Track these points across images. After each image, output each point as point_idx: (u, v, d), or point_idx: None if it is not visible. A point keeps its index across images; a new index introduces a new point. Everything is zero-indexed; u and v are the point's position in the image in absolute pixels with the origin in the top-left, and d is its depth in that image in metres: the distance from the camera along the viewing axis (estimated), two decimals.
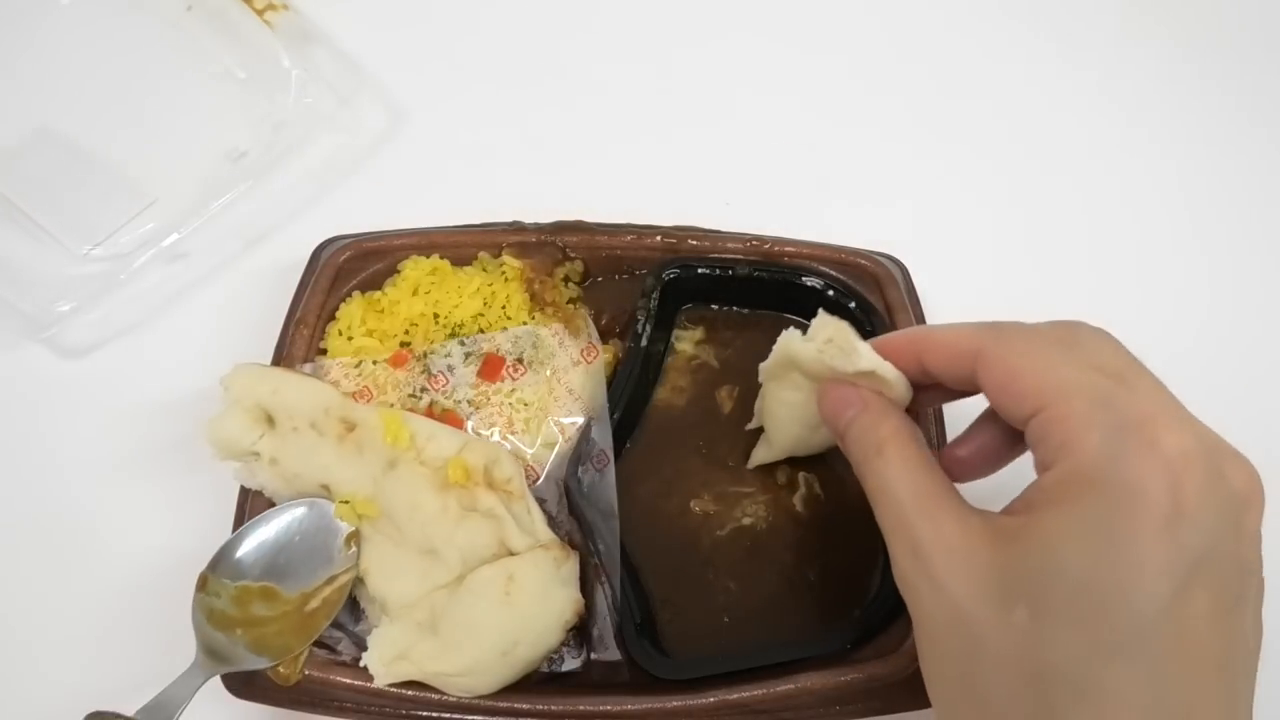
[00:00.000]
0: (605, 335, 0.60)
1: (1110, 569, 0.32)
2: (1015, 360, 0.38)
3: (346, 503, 0.52)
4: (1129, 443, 0.33)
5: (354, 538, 0.52)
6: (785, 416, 0.51)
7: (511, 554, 0.49)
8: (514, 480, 0.52)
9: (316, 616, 0.50)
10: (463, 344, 0.58)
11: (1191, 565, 0.32)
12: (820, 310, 0.46)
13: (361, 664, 0.48)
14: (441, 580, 0.50)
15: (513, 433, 0.56)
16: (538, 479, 0.55)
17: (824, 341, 0.44)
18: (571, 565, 0.50)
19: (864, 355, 0.43)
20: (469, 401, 0.57)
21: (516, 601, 0.47)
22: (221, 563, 0.50)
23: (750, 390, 0.58)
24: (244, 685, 0.48)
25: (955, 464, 0.43)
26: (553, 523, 0.53)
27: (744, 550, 0.54)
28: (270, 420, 0.54)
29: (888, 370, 0.43)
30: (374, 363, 0.57)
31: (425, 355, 0.58)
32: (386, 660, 0.48)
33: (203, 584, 0.49)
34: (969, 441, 0.44)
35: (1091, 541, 0.32)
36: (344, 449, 0.52)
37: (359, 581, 0.51)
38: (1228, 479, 0.34)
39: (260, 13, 0.73)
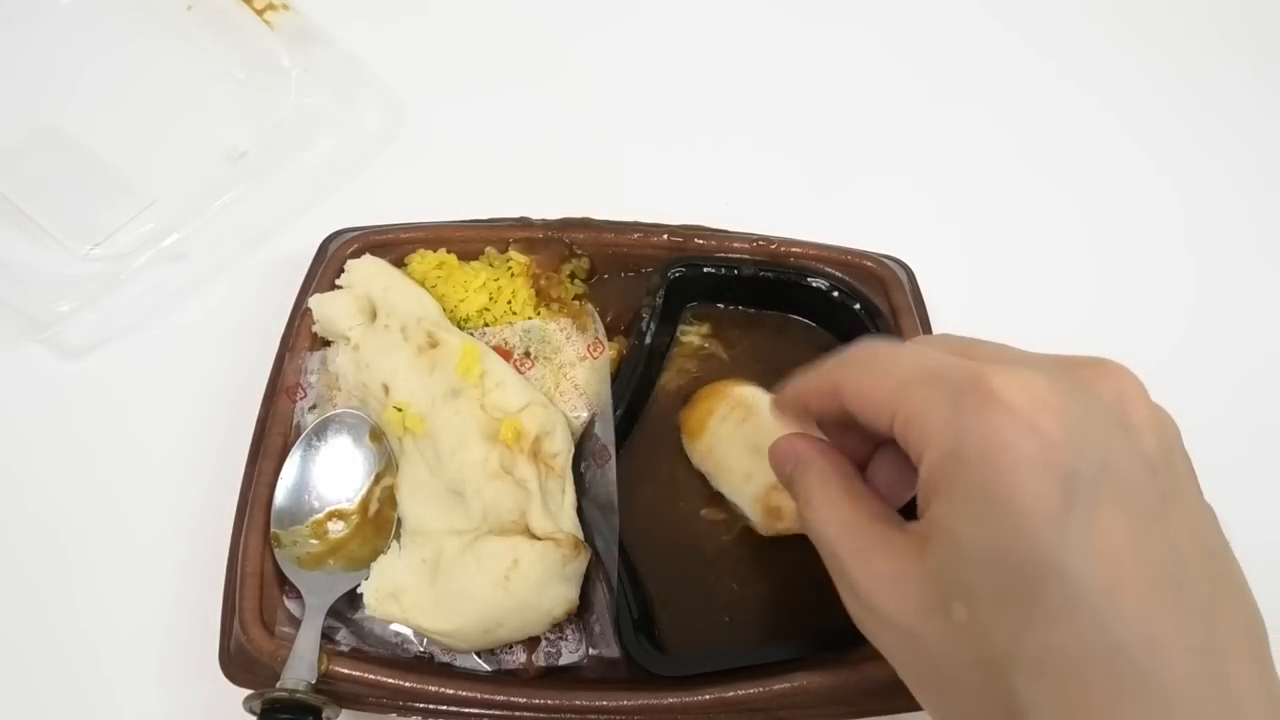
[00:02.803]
0: (611, 332, 0.62)
1: (1008, 534, 0.31)
2: (862, 378, 0.38)
3: (399, 410, 0.55)
4: (967, 407, 0.33)
5: (379, 434, 0.56)
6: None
7: (530, 530, 0.51)
8: (560, 457, 0.54)
9: (384, 513, 0.55)
10: (470, 337, 0.60)
11: (1089, 489, 0.31)
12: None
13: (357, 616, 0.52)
14: (459, 526, 0.52)
15: None
16: None
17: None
18: (579, 564, 0.52)
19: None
20: None
21: (514, 589, 0.49)
22: (281, 516, 0.54)
23: None
24: (243, 671, 0.50)
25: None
26: None
27: (745, 550, 0.55)
28: (373, 315, 0.58)
29: None
30: None
31: None
32: (381, 595, 0.51)
33: (277, 541, 0.53)
34: (874, 477, 0.43)
35: (982, 513, 0.32)
36: (419, 360, 0.56)
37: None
38: (1089, 389, 0.34)
39: (260, 13, 0.75)
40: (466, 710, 0.49)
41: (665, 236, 0.64)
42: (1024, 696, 0.31)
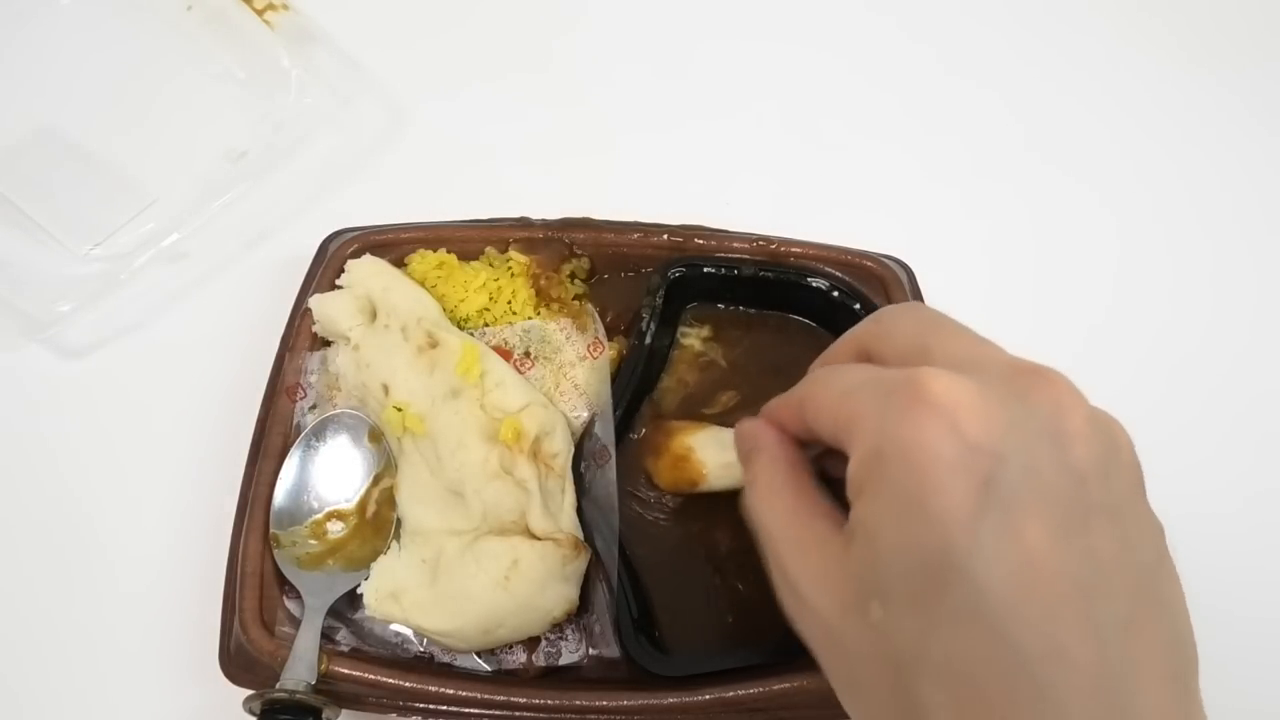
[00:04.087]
0: (611, 332, 0.62)
1: (922, 533, 0.31)
2: (816, 391, 0.38)
3: (399, 410, 0.55)
4: (894, 405, 0.32)
5: (378, 435, 0.56)
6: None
7: (530, 531, 0.51)
8: (559, 457, 0.54)
9: (382, 514, 0.55)
10: (470, 337, 0.60)
11: (1007, 495, 0.30)
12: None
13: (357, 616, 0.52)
14: (459, 526, 0.53)
15: None
16: None
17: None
18: (579, 564, 0.52)
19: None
20: None
21: (514, 589, 0.49)
22: (281, 517, 0.54)
23: (751, 394, 0.60)
24: (243, 671, 0.51)
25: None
26: None
27: (746, 550, 0.55)
28: (373, 315, 0.59)
29: None
30: None
31: None
32: (381, 595, 0.51)
33: (276, 542, 0.53)
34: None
35: (900, 512, 0.32)
36: (419, 360, 0.56)
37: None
38: (1023, 396, 0.33)
39: (260, 13, 0.75)
40: (466, 710, 0.49)
41: (665, 236, 0.65)
42: (926, 701, 0.31)
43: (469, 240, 0.64)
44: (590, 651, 0.53)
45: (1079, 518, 0.31)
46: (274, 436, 0.57)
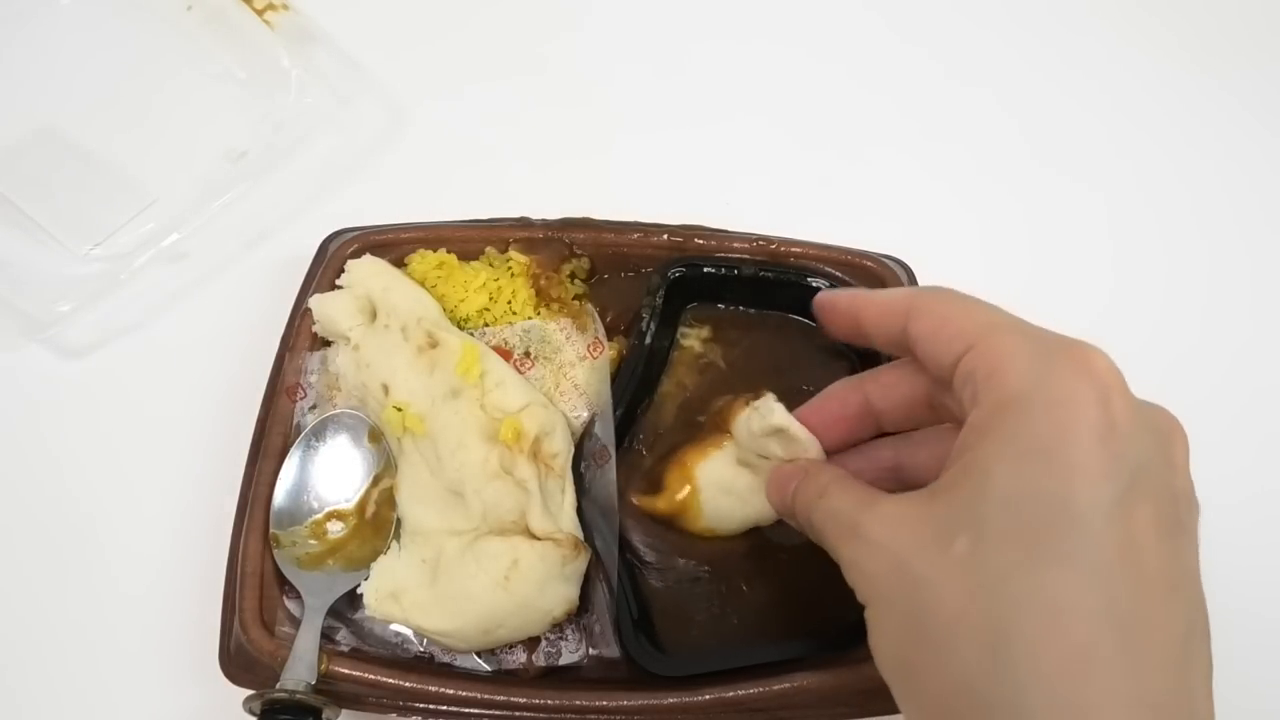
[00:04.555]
0: (611, 332, 0.62)
1: (1046, 478, 0.33)
2: (945, 307, 0.40)
3: (399, 410, 0.55)
4: (1057, 362, 0.35)
5: (377, 435, 0.57)
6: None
7: (530, 531, 0.51)
8: (559, 457, 0.54)
9: (382, 515, 0.55)
10: (470, 337, 0.60)
11: (1129, 477, 0.33)
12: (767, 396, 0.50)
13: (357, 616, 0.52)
14: (459, 526, 0.53)
15: None
16: None
17: (752, 409, 0.51)
18: (579, 564, 0.52)
19: (776, 413, 0.48)
20: None
21: (514, 589, 0.49)
22: (280, 517, 0.54)
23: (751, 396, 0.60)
24: (243, 671, 0.51)
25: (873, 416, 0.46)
26: None
27: (746, 550, 0.56)
28: (373, 315, 0.59)
29: (798, 430, 0.48)
30: None
31: None
32: (381, 595, 0.51)
33: (276, 542, 0.53)
34: (885, 394, 0.46)
35: (1025, 457, 0.33)
36: (419, 361, 0.56)
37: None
38: (1148, 412, 0.35)
39: (260, 13, 0.75)
40: (466, 710, 0.49)
41: (665, 236, 0.65)
42: (1013, 626, 0.32)
43: (469, 240, 0.64)
44: (590, 651, 0.53)
45: (1177, 526, 0.34)
46: (274, 436, 0.57)
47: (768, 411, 0.49)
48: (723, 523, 0.54)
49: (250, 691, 0.48)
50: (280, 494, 0.55)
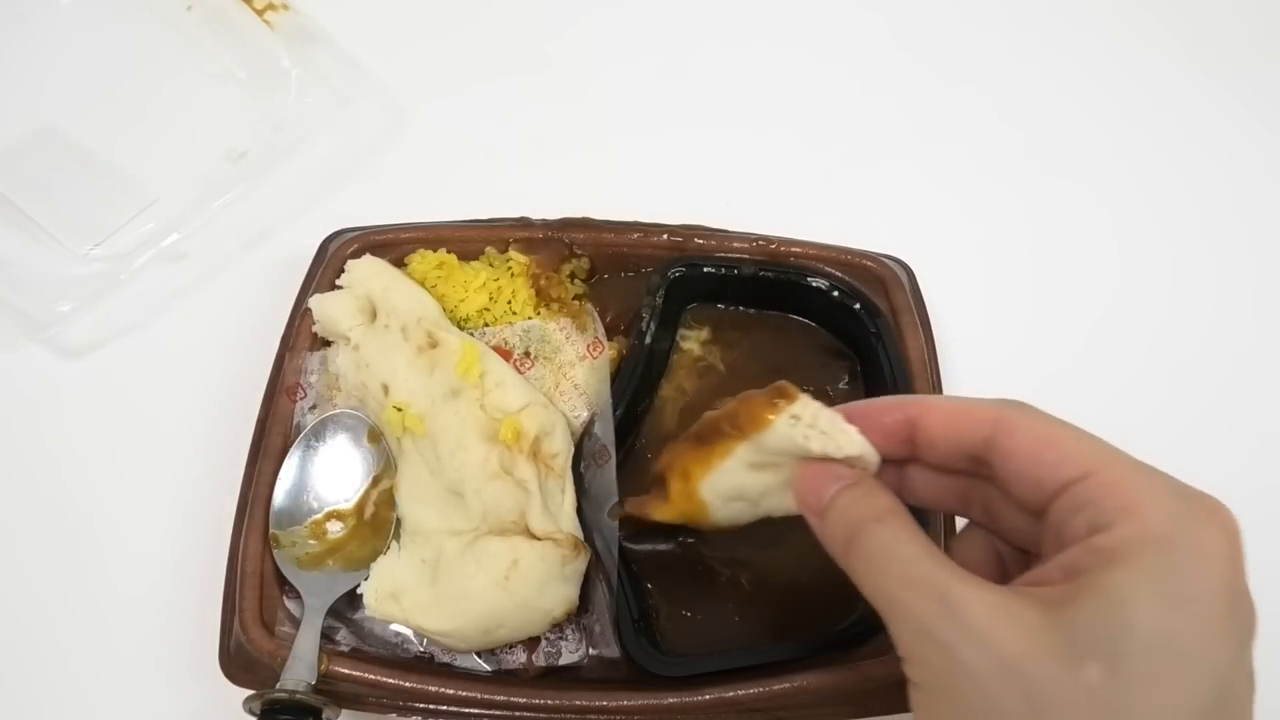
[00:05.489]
0: (611, 332, 0.62)
1: (1187, 628, 0.33)
2: (1046, 429, 0.38)
3: (399, 410, 0.55)
4: (1199, 512, 0.35)
5: (377, 435, 0.57)
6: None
7: (530, 531, 0.51)
8: (559, 457, 0.55)
9: (381, 515, 0.56)
10: (470, 337, 0.61)
11: (1241, 640, 0.34)
12: (802, 397, 0.43)
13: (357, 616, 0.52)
14: (459, 526, 0.53)
15: None
16: None
17: (807, 426, 0.42)
18: (579, 564, 0.52)
19: (852, 439, 0.41)
20: None
21: (513, 589, 0.49)
22: (280, 517, 0.54)
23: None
24: (243, 671, 0.51)
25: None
26: None
27: (746, 550, 0.56)
28: (373, 315, 0.59)
29: (872, 457, 0.41)
30: None
31: None
32: (381, 595, 0.52)
33: (276, 542, 0.53)
34: (972, 547, 0.43)
35: (1167, 600, 0.33)
36: (419, 361, 0.56)
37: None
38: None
39: (260, 13, 0.75)
40: (466, 710, 0.50)
41: (665, 236, 0.65)
42: None
43: (469, 240, 0.65)
44: (590, 651, 0.53)
45: (1250, 697, 0.35)
46: (274, 436, 0.57)
47: (835, 431, 0.41)
48: (729, 524, 0.53)
49: (250, 691, 0.48)
50: (280, 494, 0.55)
